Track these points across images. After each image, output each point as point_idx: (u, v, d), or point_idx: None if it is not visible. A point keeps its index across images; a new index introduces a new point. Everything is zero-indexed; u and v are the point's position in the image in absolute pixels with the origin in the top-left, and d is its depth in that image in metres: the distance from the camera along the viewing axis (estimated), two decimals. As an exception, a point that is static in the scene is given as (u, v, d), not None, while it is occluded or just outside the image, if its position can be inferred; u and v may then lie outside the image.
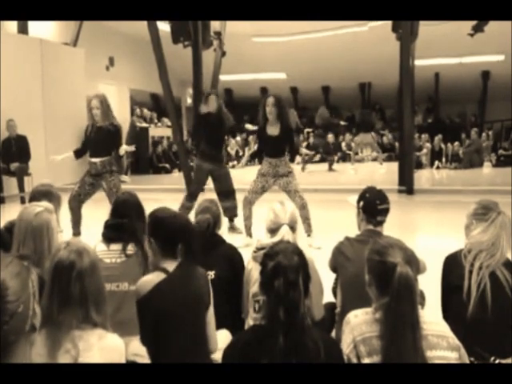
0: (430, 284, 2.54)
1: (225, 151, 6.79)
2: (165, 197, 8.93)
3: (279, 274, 1.63)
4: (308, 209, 5.36)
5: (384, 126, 17.61)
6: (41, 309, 1.47)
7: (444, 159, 14.32)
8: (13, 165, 8.98)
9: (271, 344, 1.58)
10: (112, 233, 2.79)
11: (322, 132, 14.74)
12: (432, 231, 6.57)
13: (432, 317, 1.77)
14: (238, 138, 16.69)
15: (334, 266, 2.64)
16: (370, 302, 1.76)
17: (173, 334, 2.16)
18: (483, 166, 13.92)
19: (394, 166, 10.29)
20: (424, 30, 9.26)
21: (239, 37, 13.24)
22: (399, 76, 9.42)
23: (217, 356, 2.25)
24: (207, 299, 2.26)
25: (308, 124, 17.27)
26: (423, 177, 11.89)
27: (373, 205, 2.64)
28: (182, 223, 2.36)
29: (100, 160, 5.47)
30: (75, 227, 5.49)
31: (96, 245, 2.75)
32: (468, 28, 9.23)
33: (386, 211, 2.66)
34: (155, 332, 2.18)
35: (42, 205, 2.49)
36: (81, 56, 11.66)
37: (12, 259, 1.39)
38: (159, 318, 2.17)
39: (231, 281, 2.71)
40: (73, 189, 5.59)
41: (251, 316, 2.50)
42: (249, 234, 5.52)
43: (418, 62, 9.85)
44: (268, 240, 2.53)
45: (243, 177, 8.48)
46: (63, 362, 1.59)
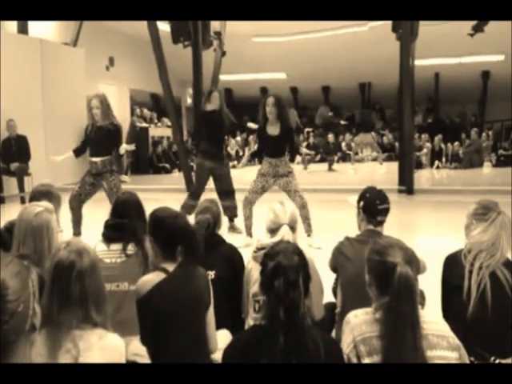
0: (430, 284, 2.54)
1: (225, 151, 6.77)
2: (165, 197, 8.93)
3: (279, 274, 1.63)
4: (308, 209, 5.36)
5: (384, 126, 17.61)
6: (41, 308, 1.47)
7: (444, 159, 14.33)
8: (13, 165, 8.98)
9: (271, 344, 1.58)
10: (112, 233, 2.79)
11: (323, 131, 14.74)
12: (432, 231, 6.57)
13: (432, 316, 1.77)
14: (238, 138, 16.69)
15: (334, 266, 2.64)
16: (370, 302, 1.76)
17: (173, 334, 2.16)
18: (483, 166, 13.93)
19: (394, 166, 10.29)
20: (424, 30, 9.26)
21: (239, 37, 13.24)
22: (399, 76, 9.42)
23: (217, 356, 2.25)
24: (207, 299, 2.26)
25: (308, 124, 17.28)
26: (423, 177, 11.89)
27: (373, 205, 2.64)
28: (183, 223, 2.36)
29: (101, 159, 5.48)
30: (76, 227, 5.49)
31: (96, 245, 2.75)
32: (468, 28, 9.23)
33: (386, 211, 2.66)
34: (155, 332, 2.18)
35: (42, 205, 2.49)
36: (81, 56, 11.66)
37: (12, 259, 1.39)
38: (159, 318, 2.17)
39: (231, 281, 2.71)
40: (73, 189, 5.60)
41: (251, 316, 2.50)
42: (249, 234, 5.52)
43: (418, 62, 9.85)
44: (268, 240, 2.53)
45: (243, 177, 8.48)
46: (63, 362, 1.59)
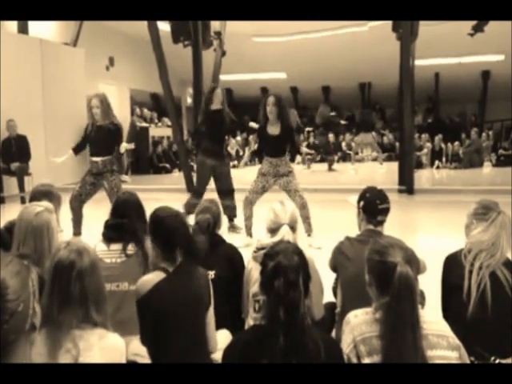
0: (430, 284, 2.54)
1: (225, 151, 6.76)
2: (165, 196, 8.93)
3: (279, 274, 1.63)
4: (308, 208, 5.36)
5: (384, 126, 17.61)
6: (41, 308, 1.47)
7: (444, 159, 14.32)
8: (13, 165, 8.98)
9: (271, 344, 1.57)
10: (112, 233, 2.79)
11: (323, 130, 14.73)
12: (432, 231, 6.57)
13: (432, 316, 1.77)
14: (239, 138, 16.69)
15: (334, 266, 2.64)
16: (370, 302, 1.76)
17: (173, 334, 2.16)
18: (483, 166, 13.92)
19: (394, 166, 10.29)
20: (424, 30, 9.26)
21: (239, 37, 13.23)
22: (399, 76, 9.42)
23: (217, 356, 2.25)
24: (207, 299, 2.26)
25: (308, 123, 17.28)
26: (423, 176, 11.89)
27: (373, 205, 2.64)
28: (181, 223, 2.36)
29: (101, 159, 5.48)
30: (76, 227, 5.49)
31: (96, 245, 2.75)
32: (468, 28, 9.23)
33: (387, 211, 2.66)
34: (155, 332, 2.18)
35: (43, 204, 2.49)
36: (81, 56, 11.66)
37: (12, 258, 1.39)
38: (159, 318, 2.17)
39: (231, 281, 2.71)
40: (74, 189, 5.60)
41: (251, 316, 2.50)
42: (249, 234, 5.52)
43: (418, 62, 9.85)
44: (268, 240, 2.53)
45: (243, 177, 8.48)
46: (64, 362, 1.59)
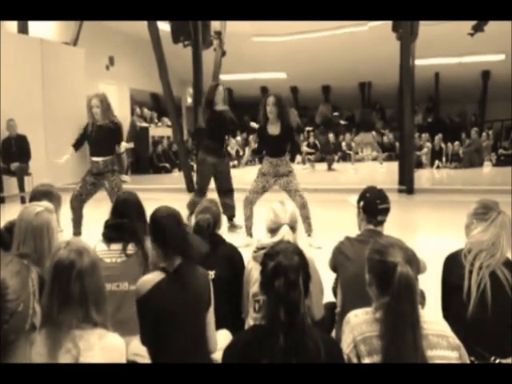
0: (430, 284, 2.54)
1: (225, 150, 6.77)
2: (165, 196, 8.93)
3: (279, 274, 1.63)
4: (308, 208, 5.35)
5: (384, 126, 17.61)
6: (41, 308, 1.47)
7: (444, 159, 14.32)
8: (13, 164, 8.98)
9: (271, 344, 1.57)
10: (112, 232, 2.80)
11: (323, 130, 14.72)
12: (432, 231, 6.57)
13: (432, 316, 1.77)
14: (239, 138, 16.69)
15: (334, 266, 2.64)
16: (370, 302, 1.76)
17: (172, 334, 2.16)
18: (483, 166, 13.93)
19: (395, 166, 10.29)
20: (424, 30, 9.25)
21: (239, 36, 13.23)
22: (399, 76, 9.41)
23: (217, 356, 2.25)
24: (207, 299, 2.26)
25: (308, 123, 17.27)
26: (423, 176, 11.89)
27: (373, 204, 2.64)
28: (180, 223, 2.36)
29: (102, 159, 5.49)
30: (76, 227, 5.49)
31: (96, 244, 2.75)
32: (468, 28, 9.22)
33: (387, 211, 2.66)
34: (155, 332, 2.18)
35: (43, 204, 2.49)
36: (81, 55, 11.66)
37: (12, 258, 1.39)
38: (159, 318, 2.17)
39: (231, 281, 2.71)
40: (74, 188, 5.60)
41: (251, 316, 2.50)
42: (249, 234, 5.52)
43: (418, 62, 9.84)
44: (268, 240, 2.53)
45: (243, 177, 8.49)
46: (64, 362, 1.59)
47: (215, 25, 11.39)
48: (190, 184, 10.02)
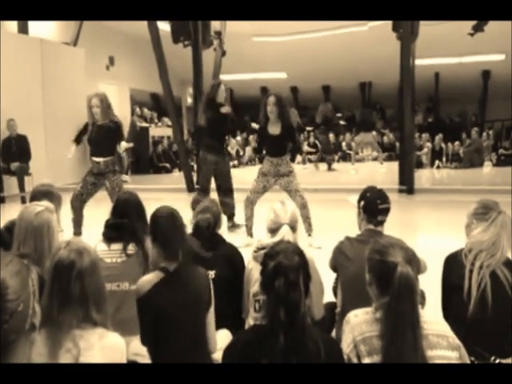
0: (431, 284, 2.54)
1: (226, 150, 6.79)
2: (165, 196, 8.93)
3: (280, 274, 1.63)
4: (308, 208, 5.35)
5: (384, 126, 17.60)
6: (41, 308, 1.47)
7: (444, 159, 14.32)
8: (13, 164, 8.98)
9: (271, 344, 1.57)
10: (113, 232, 2.80)
11: (324, 129, 14.71)
12: (432, 231, 6.57)
13: (432, 316, 1.77)
14: (239, 138, 16.69)
15: (335, 266, 2.64)
16: (371, 302, 1.76)
17: (172, 334, 2.16)
18: (483, 166, 13.93)
19: (395, 166, 10.29)
20: (424, 30, 9.25)
21: (239, 36, 13.23)
22: (399, 75, 9.41)
23: (217, 356, 2.25)
24: (207, 299, 2.26)
25: (308, 123, 17.26)
26: (424, 176, 11.89)
27: (373, 204, 2.64)
28: (182, 223, 2.37)
29: (103, 160, 5.49)
30: (76, 227, 5.49)
31: (97, 244, 2.75)
32: (468, 27, 9.22)
33: (387, 211, 2.66)
34: (155, 332, 2.18)
35: (43, 204, 2.49)
36: (81, 55, 11.66)
37: (12, 258, 1.39)
38: (159, 318, 2.17)
39: (231, 280, 2.71)
40: (75, 188, 5.59)
41: (251, 315, 2.50)
42: (250, 234, 5.51)
43: (419, 62, 9.84)
44: (268, 240, 2.53)
45: (243, 177, 8.49)
46: (64, 362, 1.59)
47: (215, 25, 11.38)
48: (190, 184, 10.03)
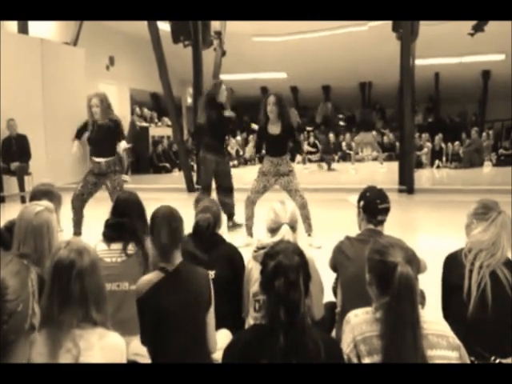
0: (431, 283, 2.53)
1: (226, 150, 6.80)
2: (165, 196, 8.93)
3: (280, 274, 1.63)
4: (308, 208, 5.36)
5: (384, 126, 17.59)
6: (41, 308, 1.47)
7: (444, 159, 14.32)
8: (13, 164, 8.98)
9: (271, 344, 1.57)
10: (112, 232, 2.80)
11: (324, 129, 14.71)
12: (432, 231, 6.57)
13: (432, 316, 1.77)
14: (239, 138, 16.69)
15: (335, 266, 2.64)
16: (371, 302, 1.76)
17: (172, 334, 2.16)
18: (483, 166, 13.92)
19: (395, 166, 10.29)
20: (424, 30, 9.25)
21: (239, 36, 13.22)
22: (399, 75, 9.40)
23: (217, 356, 2.25)
24: (207, 299, 2.26)
25: (308, 123, 17.26)
26: (423, 176, 11.89)
27: (373, 204, 2.64)
28: (179, 223, 2.36)
29: (105, 160, 5.49)
30: (77, 227, 5.48)
31: (96, 244, 2.75)
32: (468, 27, 9.21)
33: (387, 210, 2.66)
34: (155, 331, 2.18)
35: (43, 204, 2.49)
36: (81, 55, 11.65)
37: (12, 258, 1.39)
38: (159, 318, 2.17)
39: (231, 280, 2.71)
40: (75, 188, 5.59)
41: (251, 315, 2.50)
42: (250, 234, 5.51)
43: (419, 62, 9.83)
44: (268, 239, 2.53)
45: (243, 177, 8.49)
46: (64, 362, 1.59)
47: (215, 25, 11.39)
48: (190, 184, 10.02)
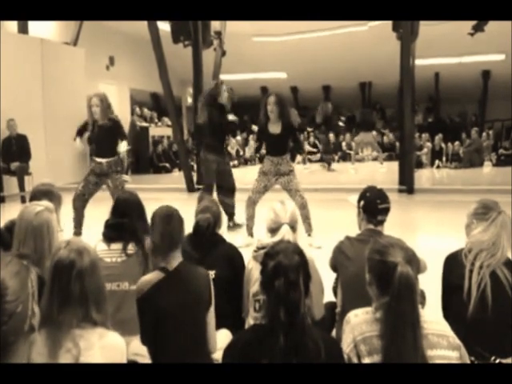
0: (431, 283, 2.53)
1: (226, 150, 6.81)
2: (165, 196, 8.93)
3: (280, 274, 1.63)
4: (308, 208, 5.36)
5: (384, 126, 17.60)
6: (41, 308, 1.47)
7: (444, 158, 14.31)
8: (13, 164, 8.99)
9: (271, 344, 1.57)
10: (113, 232, 2.80)
11: (325, 129, 14.70)
12: (432, 230, 6.57)
13: (432, 316, 1.77)
14: (239, 138, 16.69)
15: (335, 266, 2.64)
16: (371, 302, 1.76)
17: (172, 334, 2.16)
18: (483, 166, 13.92)
19: (395, 166, 10.28)
20: (424, 30, 9.25)
21: (239, 36, 13.23)
22: (399, 75, 9.40)
23: (217, 356, 2.25)
24: (207, 299, 2.26)
25: (308, 123, 17.26)
26: (423, 176, 11.88)
27: (373, 204, 2.64)
28: (179, 223, 2.36)
29: (106, 160, 5.50)
30: (77, 226, 5.49)
31: (97, 244, 2.75)
32: (468, 27, 9.21)
33: (387, 210, 2.66)
34: (155, 331, 2.18)
35: (43, 204, 2.49)
36: (81, 55, 11.65)
37: (11, 258, 1.39)
38: (159, 317, 2.17)
39: (231, 280, 2.71)
40: (76, 188, 5.59)
41: (251, 315, 2.50)
42: (250, 234, 5.51)
43: (419, 62, 9.83)
44: (268, 239, 2.53)
45: (244, 177, 8.49)
46: (64, 362, 1.59)
47: (215, 25, 11.39)
48: (190, 184, 10.03)
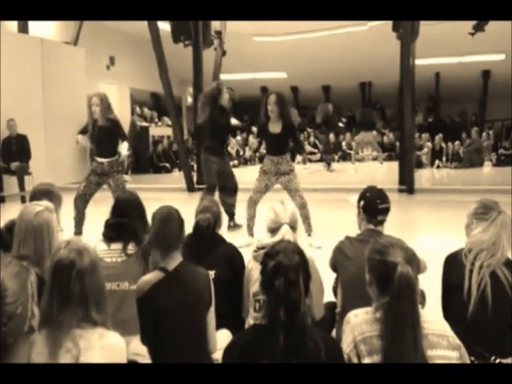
0: (431, 283, 2.54)
1: (226, 150, 6.82)
2: (165, 196, 8.93)
3: (280, 274, 1.63)
4: (308, 208, 5.36)
5: (384, 126, 17.60)
6: (41, 308, 1.47)
7: (444, 158, 14.31)
8: (13, 164, 8.98)
9: (271, 344, 1.57)
10: (113, 232, 2.80)
11: (325, 129, 14.69)
12: (432, 230, 6.57)
13: (432, 316, 1.77)
14: (239, 138, 16.68)
15: (335, 266, 2.64)
16: (371, 302, 1.76)
17: (172, 334, 2.16)
18: (483, 166, 13.92)
19: (395, 166, 10.28)
20: (424, 30, 9.25)
21: (240, 36, 13.22)
22: (400, 75, 9.40)
23: (217, 356, 2.25)
24: (208, 299, 2.26)
25: (308, 123, 17.26)
26: (424, 176, 11.88)
27: (373, 204, 2.64)
28: (178, 223, 2.36)
29: (107, 160, 5.51)
30: (78, 226, 5.49)
31: (97, 244, 2.75)
32: (468, 27, 9.21)
33: (387, 210, 2.66)
34: (155, 331, 2.18)
35: (43, 204, 2.49)
36: (81, 55, 11.65)
37: (11, 259, 1.39)
38: (159, 317, 2.17)
39: (231, 280, 2.71)
40: (78, 188, 5.59)
41: (251, 315, 2.50)
42: (251, 234, 5.51)
43: (419, 62, 9.83)
44: (268, 239, 2.53)
45: (244, 177, 8.48)
46: (64, 362, 1.59)
47: (215, 24, 11.39)
48: (190, 184, 10.03)
